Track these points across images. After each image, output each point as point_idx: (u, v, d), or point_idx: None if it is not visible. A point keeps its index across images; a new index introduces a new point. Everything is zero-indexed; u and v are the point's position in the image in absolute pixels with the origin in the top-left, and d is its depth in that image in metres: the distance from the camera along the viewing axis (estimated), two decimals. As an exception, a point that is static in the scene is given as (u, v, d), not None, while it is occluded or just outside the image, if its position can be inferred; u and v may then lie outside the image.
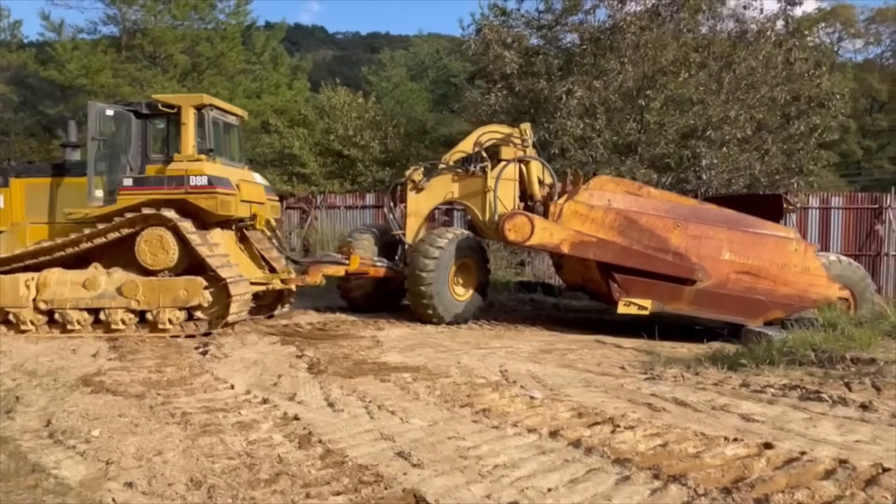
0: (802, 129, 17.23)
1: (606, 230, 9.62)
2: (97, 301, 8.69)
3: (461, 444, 4.27)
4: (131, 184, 8.97)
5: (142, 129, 9.28)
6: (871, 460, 3.80)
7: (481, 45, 18.17)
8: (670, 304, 9.67)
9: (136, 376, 6.32)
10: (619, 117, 16.29)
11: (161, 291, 8.68)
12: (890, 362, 6.20)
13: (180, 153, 9.04)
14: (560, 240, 9.68)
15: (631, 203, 9.79)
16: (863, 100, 35.08)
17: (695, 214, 9.83)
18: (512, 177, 10.83)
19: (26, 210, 9.50)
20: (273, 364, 7.02)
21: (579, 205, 9.71)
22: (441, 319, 10.18)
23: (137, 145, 9.26)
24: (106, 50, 20.42)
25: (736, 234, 9.60)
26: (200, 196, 8.88)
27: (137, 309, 8.73)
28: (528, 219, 9.69)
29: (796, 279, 9.48)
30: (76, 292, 8.71)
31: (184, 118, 9.01)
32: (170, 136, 9.41)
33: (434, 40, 37.72)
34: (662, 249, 9.57)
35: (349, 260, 10.37)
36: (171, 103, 9.09)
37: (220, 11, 21.43)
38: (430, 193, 11.08)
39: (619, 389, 5.86)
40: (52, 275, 8.83)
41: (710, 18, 17.72)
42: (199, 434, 4.51)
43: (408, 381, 6.13)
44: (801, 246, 9.69)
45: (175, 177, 8.89)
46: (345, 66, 57.33)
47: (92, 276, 8.78)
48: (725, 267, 9.54)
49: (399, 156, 21.81)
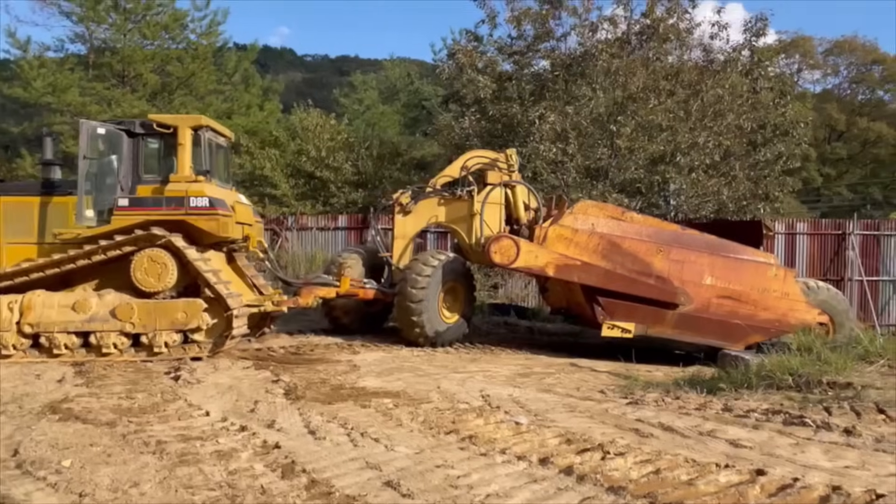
0: (768, 156, 17.68)
1: (590, 254, 9.71)
2: (88, 324, 8.34)
3: (450, 472, 4.17)
4: (127, 204, 8.73)
5: (134, 148, 9.03)
6: (863, 486, 3.80)
7: (455, 69, 18.33)
8: (653, 327, 9.72)
9: (105, 403, 6.09)
10: (591, 142, 16.51)
11: (158, 314, 8.43)
12: (866, 386, 6.29)
13: (176, 174, 8.85)
14: (545, 263, 9.74)
15: (614, 227, 9.91)
16: (822, 129, 36.13)
17: (677, 239, 9.95)
18: (498, 201, 10.93)
19: (3, 230, 9.04)
20: (248, 390, 6.83)
21: (564, 229, 9.80)
22: (428, 341, 10.15)
23: (129, 165, 9.01)
24: (73, 68, 20.10)
25: (717, 260, 9.72)
26: (201, 217, 8.74)
27: (132, 332, 8.43)
28: (514, 242, 9.75)
29: (776, 304, 9.60)
30: (65, 315, 8.33)
31: (180, 139, 8.88)
32: (163, 157, 9.24)
33: (405, 64, 37.92)
34: (645, 273, 9.66)
35: (339, 281, 10.30)
36: (168, 124, 8.95)
37: (191, 31, 21.28)
38: (417, 216, 11.13)
39: (603, 414, 5.81)
40: (38, 297, 8.42)
41: (679, 47, 18.13)
42: (176, 464, 4.33)
43: (389, 407, 6.00)
44: (781, 271, 9.84)
45: (174, 198, 8.72)
46: (314, 89, 57.28)
47: (82, 299, 8.43)
48: (707, 291, 9.64)
49: (371, 178, 21.77)
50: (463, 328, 10.70)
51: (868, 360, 7.26)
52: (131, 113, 17.98)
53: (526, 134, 16.55)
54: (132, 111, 18.14)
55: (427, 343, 10.15)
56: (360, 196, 21.36)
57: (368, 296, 10.77)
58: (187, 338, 8.62)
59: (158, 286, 8.57)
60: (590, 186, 16.20)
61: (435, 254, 10.70)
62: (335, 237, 17.96)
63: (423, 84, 34.69)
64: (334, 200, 21.44)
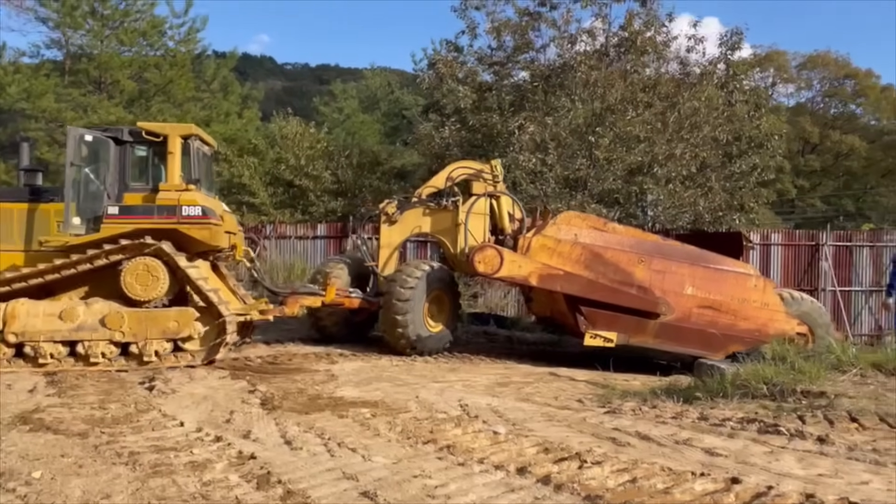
0: (743, 167, 17.95)
1: (573, 264, 9.77)
2: (76, 333, 8.20)
3: (428, 482, 4.15)
4: (117, 212, 8.64)
5: (121, 156, 8.94)
6: (836, 494, 3.84)
7: (435, 79, 18.41)
8: (635, 336, 9.78)
9: (77, 413, 5.99)
10: (570, 153, 16.65)
11: (149, 323, 8.36)
12: (839, 395, 6.36)
13: (165, 182, 8.81)
14: (528, 272, 9.80)
15: (597, 238, 9.98)
16: (796, 141, 36.75)
17: (658, 250, 10.05)
18: (482, 211, 11.01)
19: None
20: (224, 400, 6.75)
21: (547, 239, 9.86)
22: (414, 349, 10.16)
23: (116, 173, 8.91)
24: (49, 74, 19.86)
25: (698, 270, 9.82)
26: (193, 226, 8.71)
27: (122, 341, 8.33)
28: (498, 252, 9.80)
29: (756, 314, 9.70)
30: (51, 324, 8.16)
31: (171, 147, 8.83)
32: (151, 165, 9.18)
33: (385, 74, 37.98)
34: (627, 283, 9.73)
35: (325, 291, 10.34)
36: (158, 132, 8.91)
37: (169, 38, 21.13)
38: (402, 226, 11.15)
39: (581, 423, 5.83)
40: (22, 306, 8.20)
41: (656, 60, 18.38)
42: (149, 475, 4.26)
43: (367, 417, 5.97)
44: (761, 282, 9.97)
45: (166, 206, 8.68)
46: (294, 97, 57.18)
47: (69, 307, 8.27)
48: (688, 301, 9.72)
49: (351, 187, 21.75)
50: (448, 337, 10.71)
51: (841, 369, 7.33)
52: (108, 120, 17.82)
53: (505, 144, 16.66)
54: (109, 118, 17.97)
55: (412, 351, 10.15)
56: (339, 205, 21.32)
57: (354, 305, 10.77)
58: (177, 346, 8.54)
59: (149, 295, 8.49)
60: (569, 197, 16.33)
61: (420, 263, 10.73)
62: (314, 246, 17.90)
63: (403, 93, 34.80)
64: (313, 209, 21.38)
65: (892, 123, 39.57)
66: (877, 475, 4.27)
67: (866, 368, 7.30)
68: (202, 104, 22.10)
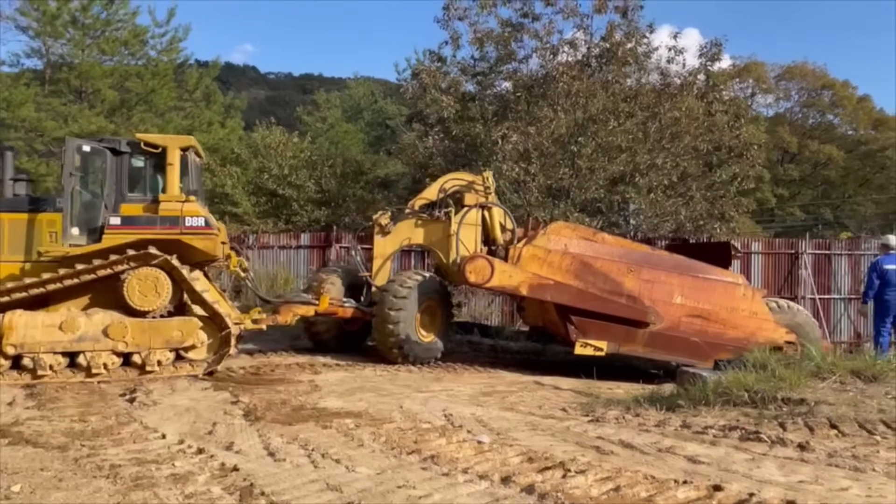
0: (724, 177, 18.14)
1: (563, 273, 9.85)
2: (77, 344, 8.17)
3: (412, 493, 4.14)
4: (119, 223, 8.68)
5: (118, 167, 8.94)
6: (817, 501, 3.89)
7: (418, 89, 18.45)
8: (625, 345, 9.88)
9: (57, 426, 5.92)
10: (553, 162, 16.73)
11: (152, 333, 8.42)
12: (819, 402, 6.43)
13: (165, 193, 8.88)
14: (519, 282, 9.88)
15: (586, 248, 10.08)
16: (775, 151, 37.22)
17: (647, 260, 10.17)
18: (474, 221, 11.14)
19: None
20: (206, 411, 6.70)
21: (537, 249, 9.95)
22: (406, 358, 10.24)
23: (113, 183, 8.91)
24: (29, 83, 19.66)
25: (687, 279, 9.93)
26: (196, 237, 8.85)
27: (125, 351, 8.34)
28: (488, 262, 9.90)
29: (745, 323, 9.81)
30: (51, 335, 8.10)
31: (170, 159, 8.89)
32: (147, 176, 9.19)
33: (369, 83, 38.04)
34: (616, 293, 9.82)
35: (318, 300, 10.42)
36: (157, 143, 8.98)
37: (151, 48, 21.03)
38: (395, 237, 11.28)
39: (565, 432, 5.85)
40: (20, 317, 8.10)
41: (637, 71, 18.56)
42: (130, 488, 4.23)
43: (351, 428, 5.95)
44: (749, 291, 10.10)
45: (169, 217, 8.78)
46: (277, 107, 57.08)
47: (70, 318, 8.22)
48: (677, 310, 9.82)
49: (335, 196, 21.70)
50: (440, 346, 10.80)
51: (820, 376, 7.40)
52: (89, 129, 17.66)
53: (489, 154, 16.71)
54: (90, 127, 17.83)
55: (404, 360, 10.25)
56: (323, 214, 21.26)
57: (347, 314, 10.89)
58: (178, 356, 8.61)
59: (151, 305, 8.53)
60: (552, 206, 16.41)
61: (413, 273, 10.85)
62: (297, 256, 17.79)
63: (386, 103, 34.86)
64: (296, 218, 21.30)
65: (868, 133, 40.19)
66: (856, 481, 4.32)
67: (845, 375, 7.37)
68: (184, 113, 21.97)
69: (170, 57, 21.33)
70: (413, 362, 10.29)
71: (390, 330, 10.12)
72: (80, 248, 8.62)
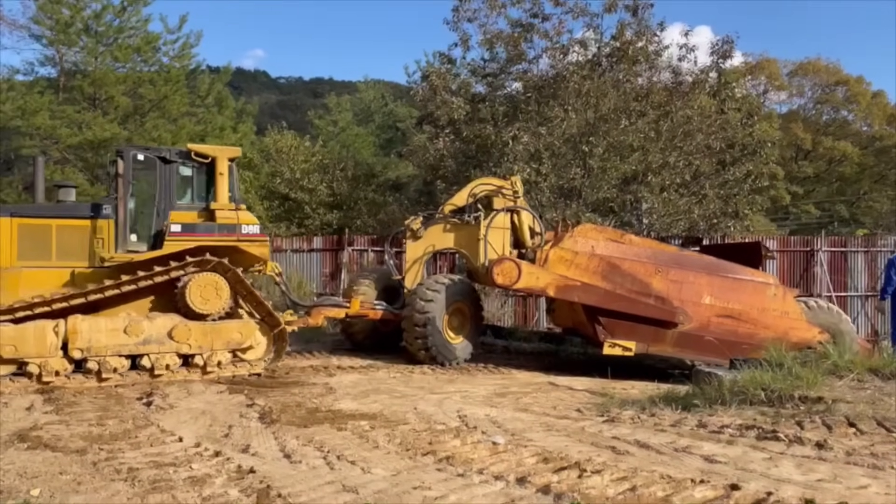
0: (737, 174, 18.02)
1: (590, 275, 9.94)
2: (143, 347, 8.43)
3: (428, 493, 4.15)
4: (180, 230, 9.01)
5: (168, 175, 9.23)
6: (836, 499, 3.86)
7: (428, 91, 18.48)
8: (654, 345, 9.92)
9: (75, 430, 5.97)
10: (564, 162, 16.71)
11: (214, 335, 8.78)
12: (837, 400, 6.38)
13: (215, 202, 9.28)
14: (546, 284, 9.97)
15: (613, 249, 10.16)
16: (788, 148, 36.95)
17: (675, 260, 10.21)
18: (502, 225, 11.37)
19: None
20: (222, 414, 6.74)
21: (564, 251, 10.06)
22: (434, 360, 10.45)
23: (163, 192, 9.20)
24: (43, 91, 19.84)
25: (716, 280, 9.95)
26: (253, 244, 9.39)
27: (188, 353, 8.65)
28: (516, 264, 10.02)
29: (776, 323, 9.77)
30: (116, 338, 8.31)
31: (220, 168, 9.31)
32: (196, 185, 9.52)
33: (379, 86, 38.10)
34: (644, 293, 9.87)
35: (349, 303, 10.91)
36: (206, 154, 9.38)
37: (163, 54, 21.17)
38: (427, 241, 11.61)
39: (580, 433, 5.83)
40: (83, 321, 8.23)
41: (648, 69, 18.48)
42: (148, 491, 4.26)
43: (366, 430, 5.97)
44: (780, 291, 10.09)
45: (227, 225, 9.24)
46: (288, 111, 57.29)
47: (134, 322, 8.44)
48: (706, 311, 9.83)
49: (347, 199, 21.78)
50: (469, 348, 11.00)
51: (838, 374, 7.35)
52: (103, 136, 17.82)
53: (500, 155, 16.71)
54: (104, 135, 17.97)
55: (432, 362, 10.49)
56: (334, 217, 21.34)
57: (377, 316, 11.27)
58: (235, 356, 9.04)
59: (211, 308, 8.84)
60: (563, 206, 16.37)
61: (440, 277, 11.15)
62: (310, 259, 17.86)
63: (397, 106, 34.91)
64: (309, 222, 21.38)
65: (883, 129, 39.80)
66: (875, 479, 4.28)
67: (863, 373, 7.32)
68: (197, 119, 22.10)
69: (182, 63, 21.47)
70: (441, 364, 10.49)
71: (418, 332, 10.39)
72: (142, 254, 8.91)
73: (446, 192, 18.39)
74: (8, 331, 7.89)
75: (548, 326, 15.92)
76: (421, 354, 10.49)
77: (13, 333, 7.90)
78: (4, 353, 7.83)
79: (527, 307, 16.31)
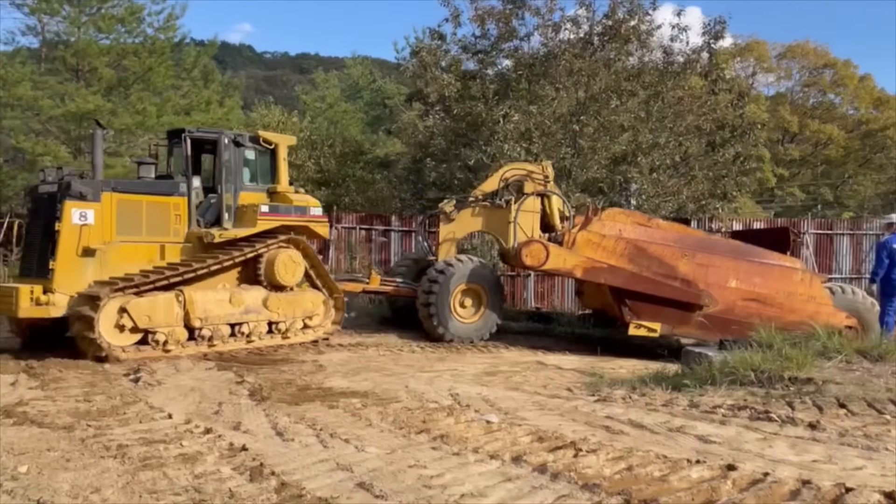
0: (726, 156, 18.02)
1: (617, 257, 10.11)
2: (244, 316, 9.27)
3: (423, 472, 4.11)
4: (267, 210, 9.86)
5: (238, 158, 10.00)
6: (832, 480, 3.86)
7: (419, 67, 18.25)
8: (679, 327, 10.14)
9: (62, 406, 5.88)
10: (554, 142, 16.61)
11: (295, 304, 9.85)
12: (826, 381, 6.41)
13: (278, 184, 10.29)
14: (573, 265, 10.18)
15: (640, 233, 10.42)
16: (775, 131, 37.01)
17: (701, 245, 10.42)
18: (531, 209, 11.66)
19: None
20: (212, 391, 6.67)
21: (592, 234, 10.27)
22: (443, 338, 10.80)
23: (237, 173, 9.98)
24: (25, 61, 19.35)
25: (742, 264, 10.10)
26: (318, 224, 10.52)
27: (276, 321, 9.62)
28: (544, 246, 10.24)
29: (802, 307, 9.89)
30: (224, 308, 9.06)
31: (282, 154, 10.34)
32: (260, 168, 10.37)
33: (367, 62, 37.63)
34: (671, 276, 10.01)
35: (369, 279, 11.54)
36: (271, 140, 10.35)
37: (148, 25, 20.64)
38: (460, 224, 11.98)
39: (573, 412, 5.82)
40: (195, 293, 8.83)
41: (640, 49, 18.34)
42: (138, 468, 4.19)
43: (357, 407, 5.92)
44: (807, 275, 10.26)
45: (300, 207, 10.27)
46: (274, 86, 56.65)
47: (236, 293, 9.24)
48: (732, 294, 9.96)
49: (334, 176, 21.58)
50: (483, 329, 11.15)
51: (826, 355, 7.37)
52: (86, 108, 17.44)
53: (490, 133, 16.58)
54: (87, 106, 17.56)
55: (441, 339, 10.80)
56: (323, 194, 21.10)
57: (400, 293, 11.79)
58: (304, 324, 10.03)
59: (292, 281, 9.86)
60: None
61: (452, 258, 11.35)
62: (298, 236, 17.68)
63: (385, 82, 34.52)
64: (296, 199, 21.14)
65: (869, 113, 39.96)
66: (870, 461, 4.30)
67: (851, 355, 7.35)
68: (182, 92, 21.69)
69: (167, 35, 20.93)
70: (450, 341, 10.74)
71: (426, 311, 10.81)
72: (243, 231, 9.65)
73: (435, 169, 18.28)
74: (143, 302, 8.33)
75: (535, 306, 15.94)
76: (431, 330, 10.82)
77: (147, 304, 8.36)
78: (140, 323, 8.28)
79: (514, 287, 16.30)
